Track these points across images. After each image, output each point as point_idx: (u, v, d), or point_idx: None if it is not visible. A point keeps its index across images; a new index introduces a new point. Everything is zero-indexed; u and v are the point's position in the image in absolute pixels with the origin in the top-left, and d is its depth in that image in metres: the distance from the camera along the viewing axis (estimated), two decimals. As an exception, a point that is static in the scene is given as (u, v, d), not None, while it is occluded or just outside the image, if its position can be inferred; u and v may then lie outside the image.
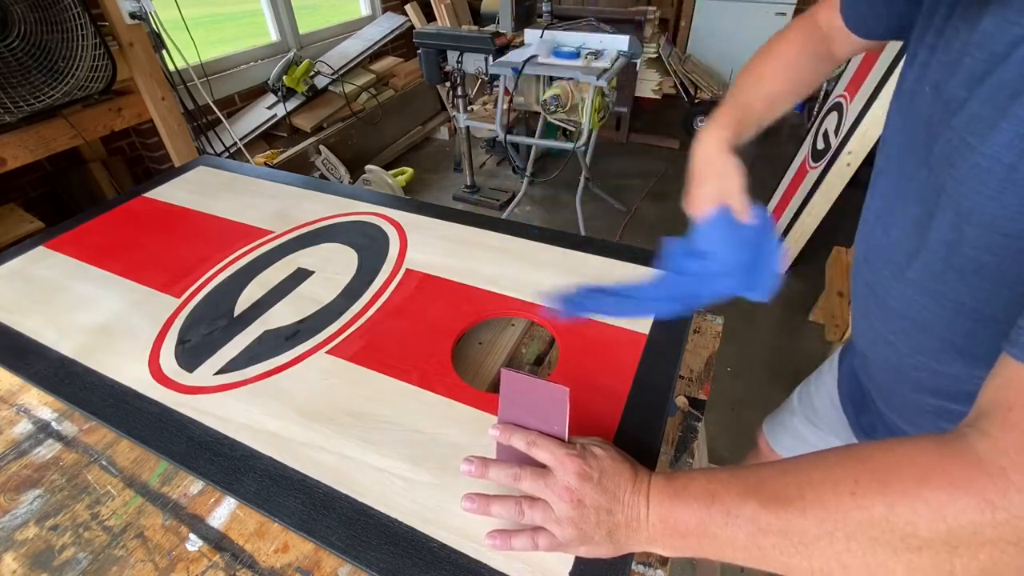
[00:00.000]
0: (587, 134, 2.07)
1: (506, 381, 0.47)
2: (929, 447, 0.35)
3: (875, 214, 0.54)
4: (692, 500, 0.40)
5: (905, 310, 0.51)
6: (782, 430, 0.93)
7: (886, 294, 0.54)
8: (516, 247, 0.83)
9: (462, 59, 2.24)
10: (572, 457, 0.43)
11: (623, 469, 0.43)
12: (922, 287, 0.48)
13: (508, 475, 0.45)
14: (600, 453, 0.44)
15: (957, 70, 0.41)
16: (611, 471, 0.43)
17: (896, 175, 0.51)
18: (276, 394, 0.60)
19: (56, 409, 0.62)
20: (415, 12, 3.46)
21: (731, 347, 1.91)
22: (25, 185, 2.04)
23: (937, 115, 0.43)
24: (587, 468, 0.43)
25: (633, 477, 0.43)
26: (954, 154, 0.40)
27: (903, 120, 0.50)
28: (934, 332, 0.49)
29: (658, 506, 0.41)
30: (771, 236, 0.57)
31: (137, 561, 0.48)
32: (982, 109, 0.38)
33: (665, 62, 3.28)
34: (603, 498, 0.42)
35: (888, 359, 0.57)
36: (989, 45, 0.38)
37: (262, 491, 0.51)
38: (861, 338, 0.64)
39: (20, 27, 1.41)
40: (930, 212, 0.45)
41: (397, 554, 0.46)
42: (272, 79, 2.71)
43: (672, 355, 0.63)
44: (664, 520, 0.41)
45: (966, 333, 0.47)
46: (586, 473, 0.42)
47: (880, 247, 0.53)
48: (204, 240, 0.87)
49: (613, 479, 0.43)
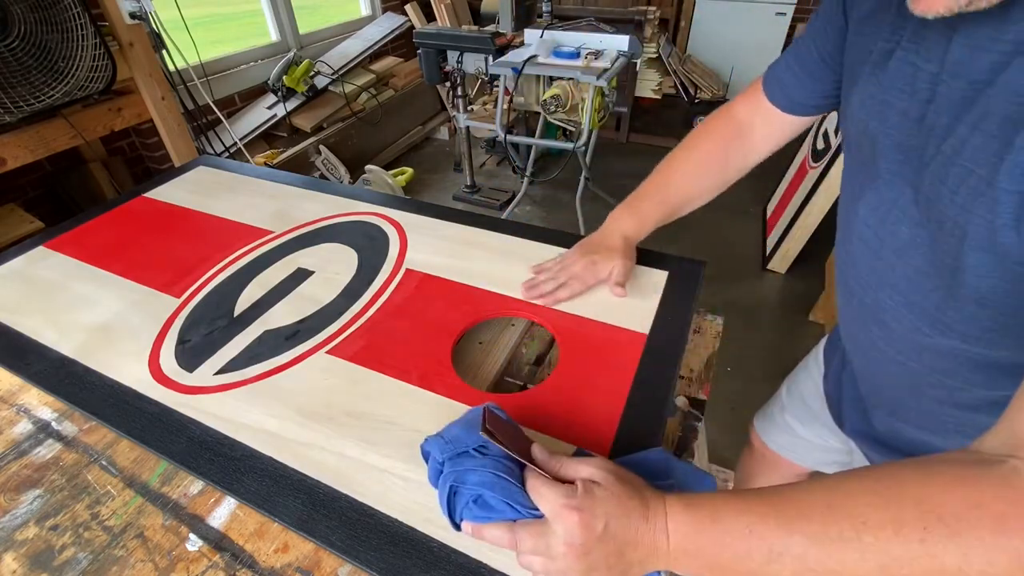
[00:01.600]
0: (587, 134, 2.07)
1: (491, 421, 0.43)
2: (991, 487, 0.33)
3: (858, 235, 0.53)
4: (725, 535, 0.37)
5: (911, 334, 0.50)
6: (772, 425, 0.93)
7: (887, 317, 0.52)
8: (516, 247, 0.83)
9: (462, 59, 2.24)
10: (571, 509, 0.38)
11: (631, 506, 0.39)
12: (926, 314, 0.47)
13: (505, 539, 0.41)
14: (603, 494, 0.39)
15: (933, 97, 0.41)
16: (617, 512, 0.39)
17: (872, 193, 0.50)
18: (276, 394, 0.60)
19: (56, 409, 0.62)
20: (415, 12, 3.46)
21: (731, 347, 1.91)
22: (25, 185, 2.04)
23: (916, 140, 0.43)
24: (591, 518, 0.38)
25: (644, 510, 0.39)
26: (955, 180, 0.40)
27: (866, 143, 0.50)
28: (945, 353, 0.48)
29: (681, 538, 0.38)
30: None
31: (137, 561, 0.48)
32: (978, 137, 0.38)
33: (665, 62, 3.28)
34: (612, 545, 0.38)
35: (899, 376, 0.56)
36: (966, 73, 0.39)
37: (262, 491, 0.51)
38: (861, 357, 0.62)
39: (20, 27, 1.41)
40: (929, 237, 0.44)
41: (397, 554, 0.46)
42: (272, 79, 2.71)
43: (672, 355, 0.63)
44: (690, 554, 0.38)
45: (981, 357, 0.46)
46: (590, 524, 0.38)
47: (874, 270, 0.52)
48: (204, 240, 0.87)
49: (621, 522, 0.39)
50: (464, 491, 0.42)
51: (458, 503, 0.43)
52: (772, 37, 3.71)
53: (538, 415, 0.56)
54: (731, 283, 2.25)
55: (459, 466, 0.43)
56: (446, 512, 0.44)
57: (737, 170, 0.73)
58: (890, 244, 0.49)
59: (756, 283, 2.25)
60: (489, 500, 0.41)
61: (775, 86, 0.65)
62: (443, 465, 0.44)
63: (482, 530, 0.42)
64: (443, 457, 0.44)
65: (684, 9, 3.77)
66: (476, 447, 0.43)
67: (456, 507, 0.43)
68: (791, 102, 0.64)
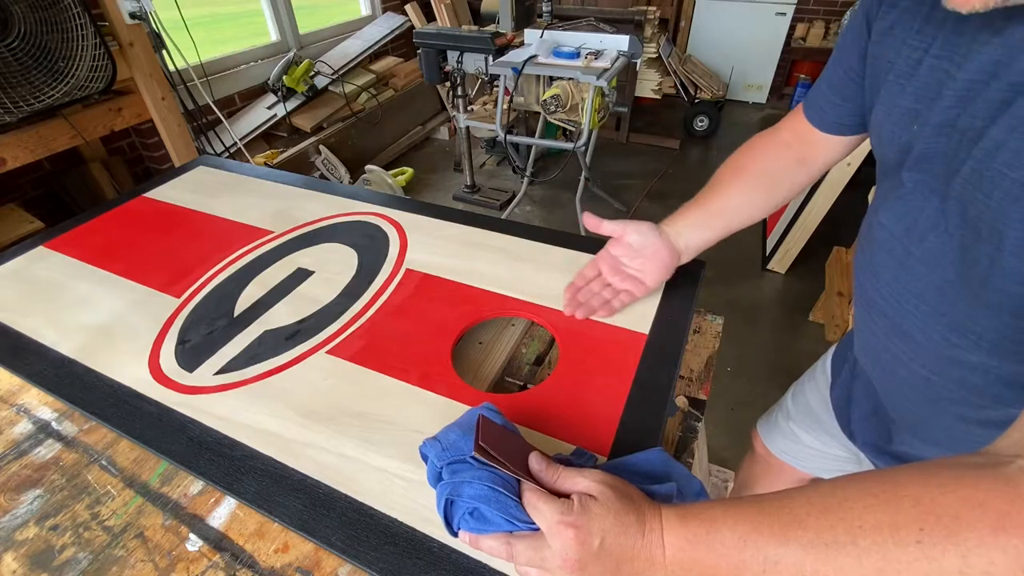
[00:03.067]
0: (587, 134, 2.07)
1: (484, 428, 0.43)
2: (994, 486, 0.32)
3: (881, 244, 0.52)
4: (720, 546, 0.36)
5: (938, 347, 0.49)
6: (777, 432, 0.92)
7: (912, 329, 0.51)
8: (516, 247, 0.83)
9: (462, 59, 2.24)
10: (567, 526, 0.38)
11: (628, 522, 0.39)
12: (956, 325, 0.47)
13: (502, 551, 0.41)
14: (599, 510, 0.39)
15: (966, 101, 0.41)
16: (613, 528, 0.39)
17: (897, 202, 0.50)
18: (276, 394, 0.60)
19: (56, 409, 0.62)
20: (415, 12, 3.46)
21: (731, 347, 1.91)
22: (25, 185, 2.04)
23: (946, 146, 0.43)
24: (587, 535, 0.38)
25: (641, 525, 0.39)
26: (989, 184, 0.39)
27: (891, 152, 0.50)
28: (972, 368, 0.48)
29: (678, 552, 0.38)
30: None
31: (137, 561, 0.48)
32: (1016, 140, 0.38)
33: (665, 62, 3.28)
34: (608, 561, 0.38)
35: (922, 392, 0.55)
36: (1007, 75, 0.38)
37: (262, 491, 0.51)
38: (880, 371, 0.61)
39: (20, 27, 1.41)
40: (959, 245, 0.44)
41: (397, 554, 0.46)
42: (272, 79, 2.71)
43: (672, 355, 0.63)
44: (686, 567, 0.38)
45: (1010, 373, 0.45)
46: (586, 541, 0.38)
47: (897, 280, 0.51)
48: (204, 240, 0.87)
49: (618, 538, 0.38)
50: (460, 503, 0.42)
51: (455, 512, 0.43)
52: (772, 37, 3.72)
53: (538, 415, 0.56)
54: (731, 283, 2.25)
55: (456, 476, 0.43)
56: (443, 519, 0.44)
57: (788, 191, 0.69)
58: (916, 253, 0.48)
59: (756, 283, 2.25)
60: (485, 513, 0.41)
61: (812, 106, 0.64)
62: (441, 471, 0.44)
63: (479, 540, 0.42)
64: (440, 464, 0.44)
65: (684, 9, 3.77)
66: (472, 456, 0.43)
67: (453, 516, 0.43)
68: (825, 122, 0.63)
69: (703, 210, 0.68)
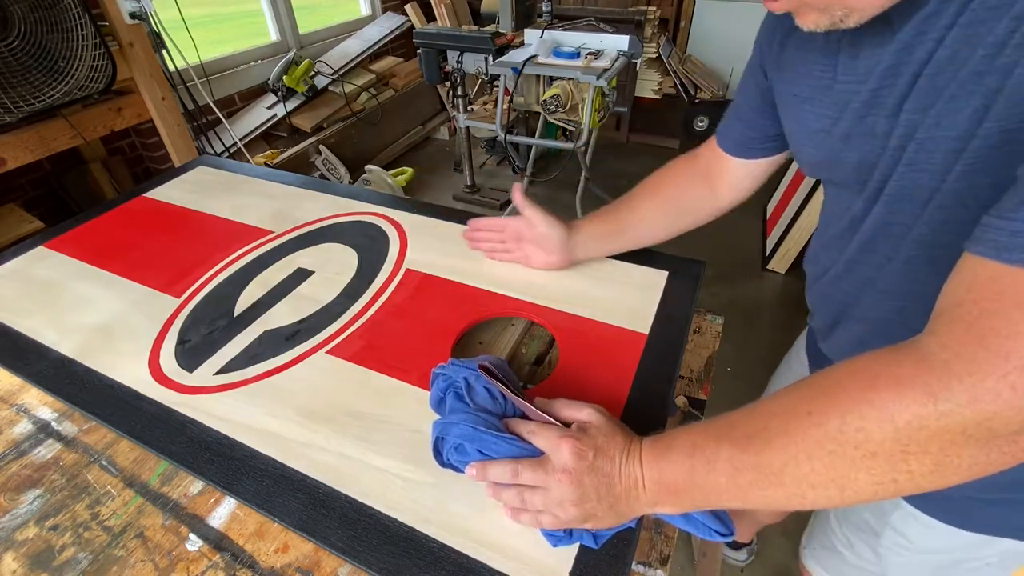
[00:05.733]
0: (587, 134, 2.07)
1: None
2: (882, 355, 0.35)
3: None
4: (677, 456, 0.42)
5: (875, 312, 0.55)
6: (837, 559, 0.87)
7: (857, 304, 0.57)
8: (516, 247, 0.82)
9: (462, 59, 2.24)
10: (566, 438, 0.44)
11: (616, 442, 0.44)
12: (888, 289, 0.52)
13: (507, 472, 0.45)
14: (594, 431, 0.45)
15: (875, 107, 0.44)
16: (604, 447, 0.44)
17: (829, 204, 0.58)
18: (276, 394, 0.60)
19: (56, 409, 0.62)
20: (415, 12, 3.46)
21: (731, 347, 1.91)
22: (25, 185, 2.04)
23: (862, 149, 0.47)
24: (582, 447, 0.43)
25: (626, 446, 0.44)
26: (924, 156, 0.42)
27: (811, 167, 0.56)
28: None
29: (651, 469, 0.43)
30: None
31: (137, 561, 0.48)
32: (925, 118, 0.41)
33: (665, 62, 3.28)
34: (600, 476, 0.43)
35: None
36: (906, 72, 0.42)
37: (262, 491, 0.51)
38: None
39: (20, 27, 1.41)
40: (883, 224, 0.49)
41: (397, 554, 0.46)
42: (272, 79, 2.71)
43: (672, 355, 0.63)
44: (658, 481, 0.42)
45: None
46: (582, 452, 0.43)
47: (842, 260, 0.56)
48: (204, 240, 0.87)
49: (607, 453, 0.44)
50: (448, 440, 0.49)
51: (443, 447, 0.49)
52: (772, 37, 3.70)
53: (538, 415, 0.56)
54: (731, 283, 2.25)
55: (448, 418, 0.49)
56: (433, 450, 0.50)
57: (694, 218, 0.75)
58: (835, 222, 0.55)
59: (756, 283, 2.25)
60: (467, 448, 0.48)
61: (724, 135, 0.69)
62: (444, 396, 0.53)
63: (487, 468, 0.46)
64: (442, 392, 0.53)
65: (684, 9, 3.77)
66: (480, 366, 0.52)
67: (443, 448, 0.49)
68: (735, 147, 0.68)
69: (612, 224, 0.76)
